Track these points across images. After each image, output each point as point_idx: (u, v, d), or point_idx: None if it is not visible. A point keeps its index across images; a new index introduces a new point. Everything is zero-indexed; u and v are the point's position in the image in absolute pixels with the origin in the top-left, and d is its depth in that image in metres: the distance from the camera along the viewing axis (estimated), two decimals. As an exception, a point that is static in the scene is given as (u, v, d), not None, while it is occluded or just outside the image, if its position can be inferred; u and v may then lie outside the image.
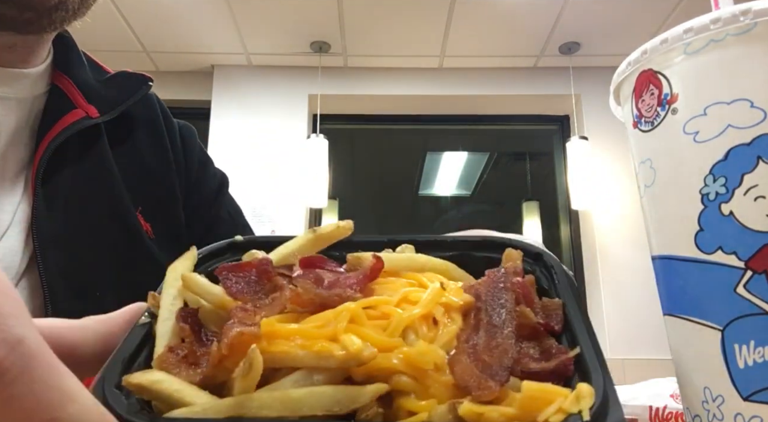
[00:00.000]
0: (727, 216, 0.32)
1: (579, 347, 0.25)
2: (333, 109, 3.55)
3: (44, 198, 0.60)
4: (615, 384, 0.23)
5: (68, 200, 0.62)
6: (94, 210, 0.64)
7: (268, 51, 3.44)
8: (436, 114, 3.76)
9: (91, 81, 0.69)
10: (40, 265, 0.57)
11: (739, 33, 0.33)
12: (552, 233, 3.76)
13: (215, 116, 3.47)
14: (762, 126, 0.32)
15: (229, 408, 0.22)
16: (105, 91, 0.69)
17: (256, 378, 0.22)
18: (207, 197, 0.79)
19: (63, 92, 0.66)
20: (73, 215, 0.62)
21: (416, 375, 0.24)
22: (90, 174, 0.65)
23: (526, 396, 0.22)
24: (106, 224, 0.65)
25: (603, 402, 0.22)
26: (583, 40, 3.30)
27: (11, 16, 0.57)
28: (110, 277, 0.63)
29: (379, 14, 3.10)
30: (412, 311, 0.27)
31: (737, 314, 0.32)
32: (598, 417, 0.21)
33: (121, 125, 0.71)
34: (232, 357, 0.24)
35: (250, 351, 0.22)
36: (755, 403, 0.31)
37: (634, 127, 0.39)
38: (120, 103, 0.69)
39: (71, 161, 0.64)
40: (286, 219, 3.28)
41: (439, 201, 5.53)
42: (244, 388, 0.22)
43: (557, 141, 3.73)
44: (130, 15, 3.10)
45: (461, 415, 0.22)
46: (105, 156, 0.67)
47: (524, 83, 3.57)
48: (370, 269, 0.30)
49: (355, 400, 0.22)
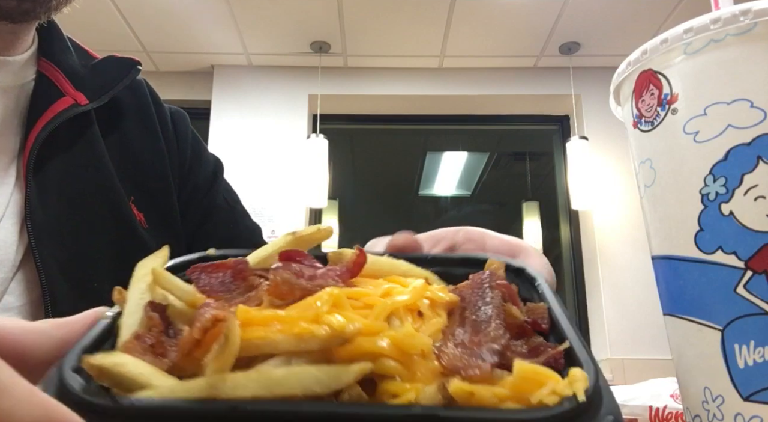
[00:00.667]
0: (727, 216, 0.32)
1: (568, 341, 0.25)
2: (333, 109, 3.55)
3: (37, 189, 0.59)
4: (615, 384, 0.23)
5: (61, 189, 0.61)
6: (88, 200, 0.63)
7: (268, 51, 3.44)
8: (436, 114, 3.76)
9: (78, 67, 0.67)
10: (36, 258, 0.56)
11: (739, 33, 0.33)
12: (552, 233, 3.77)
13: (215, 116, 3.47)
14: (762, 126, 0.32)
15: (200, 388, 0.20)
16: (93, 77, 0.67)
17: (232, 355, 0.20)
18: (202, 184, 0.77)
19: (50, 80, 0.64)
20: (66, 206, 0.61)
21: (402, 359, 0.23)
22: (82, 163, 0.64)
23: (519, 377, 0.22)
24: (100, 214, 0.64)
25: (596, 387, 0.21)
26: (583, 40, 3.30)
27: (9, 6, 0.56)
28: (107, 268, 0.62)
29: (379, 14, 3.10)
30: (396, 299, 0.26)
31: (737, 315, 0.32)
32: (593, 400, 0.21)
33: (111, 112, 0.69)
34: (204, 345, 0.22)
35: (228, 322, 0.20)
36: (755, 403, 0.31)
37: (634, 127, 0.39)
38: (109, 89, 0.68)
39: (62, 150, 0.63)
40: (286, 219, 3.28)
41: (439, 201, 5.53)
42: (218, 368, 0.20)
43: (557, 141, 3.73)
44: (130, 15, 3.10)
45: (451, 393, 0.21)
46: (96, 144, 0.66)
47: (524, 83, 3.57)
48: (353, 263, 0.29)
49: (337, 379, 0.21)
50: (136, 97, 0.74)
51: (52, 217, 0.59)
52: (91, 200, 0.63)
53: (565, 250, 3.56)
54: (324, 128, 3.36)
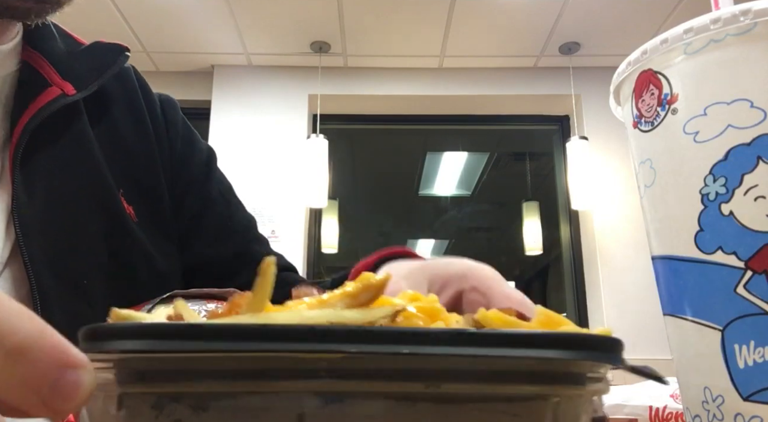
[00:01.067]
0: (727, 216, 0.32)
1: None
2: (333, 109, 3.55)
3: (23, 183, 0.56)
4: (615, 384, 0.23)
5: (49, 184, 0.59)
6: (77, 194, 0.61)
7: (268, 51, 3.44)
8: (436, 114, 3.76)
9: (64, 55, 0.64)
10: (24, 254, 0.54)
11: (739, 33, 0.33)
12: (552, 233, 3.77)
13: (215, 116, 3.47)
14: (762, 126, 0.32)
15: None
16: (79, 65, 0.64)
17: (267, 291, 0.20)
18: (197, 176, 0.74)
19: (35, 69, 0.61)
20: (54, 201, 0.59)
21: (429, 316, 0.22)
22: (70, 156, 0.61)
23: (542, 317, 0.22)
24: (90, 209, 0.61)
25: None
26: (583, 40, 3.30)
27: (14, 5, 0.55)
28: (97, 264, 0.60)
29: (379, 14, 3.10)
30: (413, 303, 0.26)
31: (737, 315, 0.32)
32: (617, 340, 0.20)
33: (98, 101, 0.67)
34: None
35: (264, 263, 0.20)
36: (755, 403, 0.31)
37: (634, 127, 0.39)
38: (97, 78, 0.65)
39: (50, 143, 0.60)
40: (286, 219, 3.28)
41: (439, 201, 5.53)
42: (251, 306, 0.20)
43: (557, 141, 3.73)
44: (130, 15, 3.10)
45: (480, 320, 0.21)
46: (85, 136, 0.63)
47: (524, 83, 3.57)
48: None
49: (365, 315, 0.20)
50: (124, 85, 0.71)
51: (40, 212, 0.57)
52: (80, 194, 0.61)
53: (565, 250, 3.56)
54: (324, 128, 3.36)
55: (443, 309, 0.23)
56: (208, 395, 0.19)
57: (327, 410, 0.18)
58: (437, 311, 0.22)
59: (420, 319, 0.22)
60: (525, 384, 0.19)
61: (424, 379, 0.19)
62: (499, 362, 0.19)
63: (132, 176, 0.67)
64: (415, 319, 0.21)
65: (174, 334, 0.18)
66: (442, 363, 0.18)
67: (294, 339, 0.17)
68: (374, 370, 0.18)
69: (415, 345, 0.18)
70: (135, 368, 0.19)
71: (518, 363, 0.19)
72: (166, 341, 0.18)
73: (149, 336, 0.18)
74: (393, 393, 0.19)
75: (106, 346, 0.18)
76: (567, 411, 0.20)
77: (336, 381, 0.18)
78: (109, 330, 0.19)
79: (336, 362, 0.18)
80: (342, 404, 0.18)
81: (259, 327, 0.18)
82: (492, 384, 0.19)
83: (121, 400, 0.19)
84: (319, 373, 0.18)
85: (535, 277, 5.37)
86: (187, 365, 0.19)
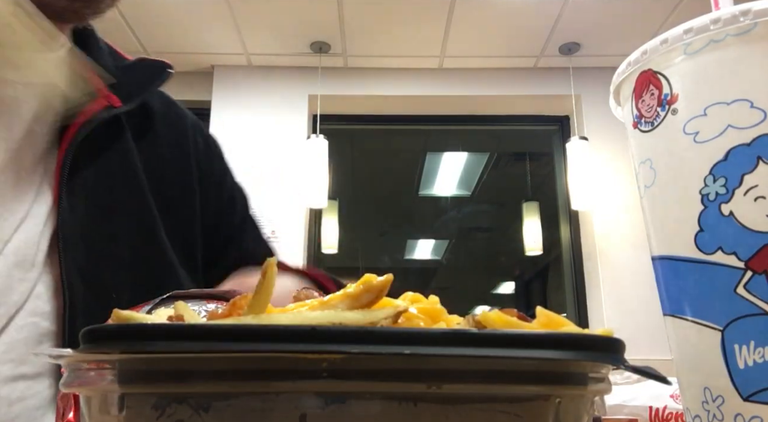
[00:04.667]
0: (727, 216, 0.33)
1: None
2: (333, 109, 3.55)
3: (67, 192, 0.57)
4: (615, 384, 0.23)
5: (91, 196, 0.59)
6: (115, 209, 0.61)
7: (268, 51, 3.44)
8: (436, 114, 3.76)
9: (112, 68, 0.66)
10: (62, 264, 0.54)
11: (739, 33, 0.33)
12: (552, 234, 3.76)
13: (215, 116, 3.47)
14: (762, 126, 0.32)
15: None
16: (125, 79, 0.66)
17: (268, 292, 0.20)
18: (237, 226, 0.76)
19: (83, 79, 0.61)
20: (93, 214, 0.59)
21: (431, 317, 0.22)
22: (114, 169, 0.62)
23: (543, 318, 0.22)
24: (127, 224, 0.62)
25: None
26: (583, 41, 3.30)
27: (62, 6, 0.55)
28: (126, 278, 0.60)
29: (379, 14, 3.10)
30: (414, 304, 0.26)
31: (737, 315, 0.32)
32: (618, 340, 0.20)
33: (141, 116, 0.68)
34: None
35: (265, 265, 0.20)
36: (755, 403, 0.31)
37: (634, 127, 0.39)
38: (141, 92, 0.66)
39: (96, 155, 0.61)
40: (286, 219, 3.28)
41: (439, 201, 5.53)
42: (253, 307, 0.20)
43: (557, 141, 3.73)
44: (131, 16, 3.10)
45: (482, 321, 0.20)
46: (129, 151, 0.64)
47: (524, 83, 3.57)
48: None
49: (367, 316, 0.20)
50: (160, 100, 0.73)
51: (79, 224, 0.57)
52: (119, 209, 0.62)
53: (565, 250, 3.56)
54: (324, 128, 3.36)
55: (444, 310, 0.23)
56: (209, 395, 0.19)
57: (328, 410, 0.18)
58: (439, 313, 0.22)
59: (421, 320, 0.22)
60: (527, 384, 0.19)
61: (425, 380, 0.19)
62: (500, 362, 0.19)
63: (166, 190, 0.68)
64: (416, 320, 0.22)
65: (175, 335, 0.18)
66: (444, 363, 0.18)
67: (296, 340, 0.17)
68: (376, 371, 0.18)
69: (416, 346, 0.18)
70: (136, 368, 0.19)
71: (520, 364, 0.19)
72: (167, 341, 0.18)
73: (150, 337, 0.18)
74: (395, 393, 0.19)
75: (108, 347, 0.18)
76: (569, 411, 0.20)
77: (338, 382, 0.18)
78: (109, 331, 0.19)
79: (338, 362, 0.18)
80: (343, 404, 0.18)
81: (261, 328, 0.18)
82: (493, 385, 0.19)
83: (122, 401, 0.19)
84: (320, 374, 0.18)
85: (535, 277, 5.37)
86: (189, 365, 0.19)
